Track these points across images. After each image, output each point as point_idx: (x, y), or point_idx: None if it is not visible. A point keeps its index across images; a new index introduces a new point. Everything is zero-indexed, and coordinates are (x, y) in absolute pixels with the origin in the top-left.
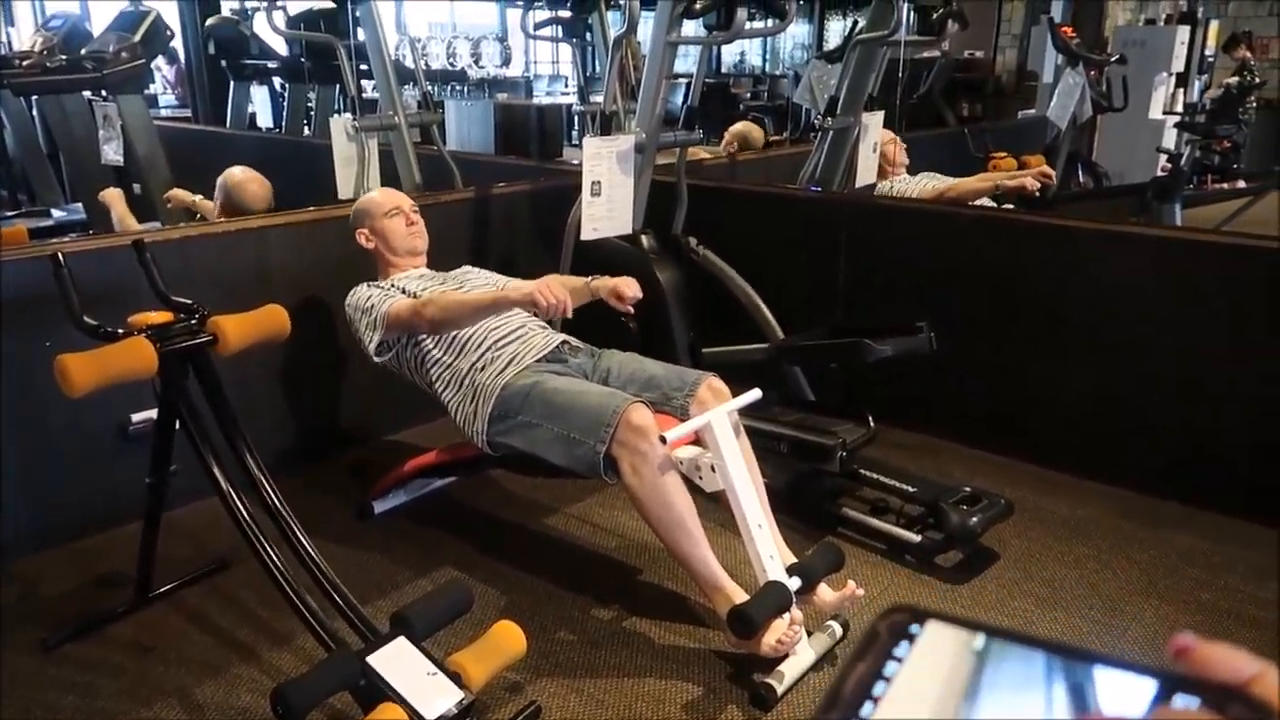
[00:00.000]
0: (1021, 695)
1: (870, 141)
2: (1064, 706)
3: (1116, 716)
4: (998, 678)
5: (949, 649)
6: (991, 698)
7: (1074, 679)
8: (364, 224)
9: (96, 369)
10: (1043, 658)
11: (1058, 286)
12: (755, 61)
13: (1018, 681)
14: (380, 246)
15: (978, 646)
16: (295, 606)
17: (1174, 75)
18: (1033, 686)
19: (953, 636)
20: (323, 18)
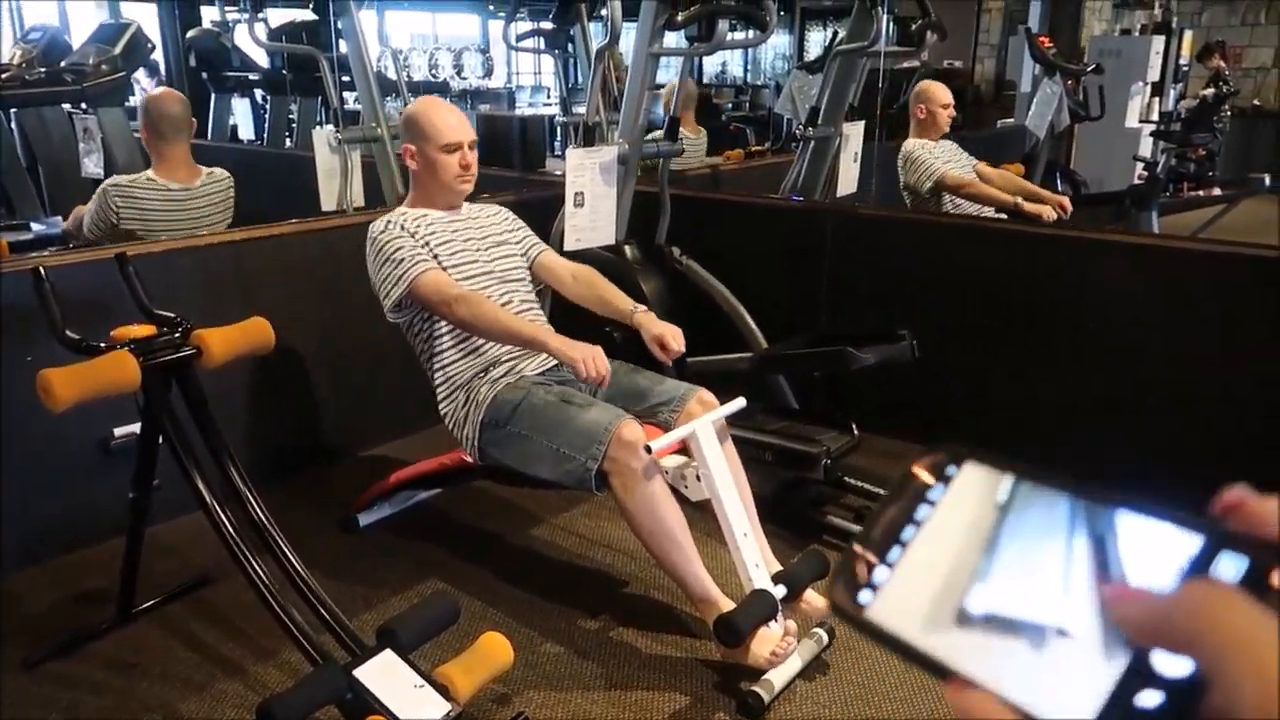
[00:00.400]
0: (1041, 548)
1: (851, 151)
2: (1084, 563)
3: (1143, 590)
4: (1019, 527)
5: (977, 496)
6: (1010, 550)
7: (1101, 529)
8: (416, 143)
9: (79, 383)
10: (1068, 507)
11: (1039, 293)
12: (737, 72)
13: (1039, 533)
14: (423, 174)
15: (1000, 499)
16: (280, 620)
17: (1149, 84)
18: (1054, 538)
19: (985, 480)
20: (304, 29)
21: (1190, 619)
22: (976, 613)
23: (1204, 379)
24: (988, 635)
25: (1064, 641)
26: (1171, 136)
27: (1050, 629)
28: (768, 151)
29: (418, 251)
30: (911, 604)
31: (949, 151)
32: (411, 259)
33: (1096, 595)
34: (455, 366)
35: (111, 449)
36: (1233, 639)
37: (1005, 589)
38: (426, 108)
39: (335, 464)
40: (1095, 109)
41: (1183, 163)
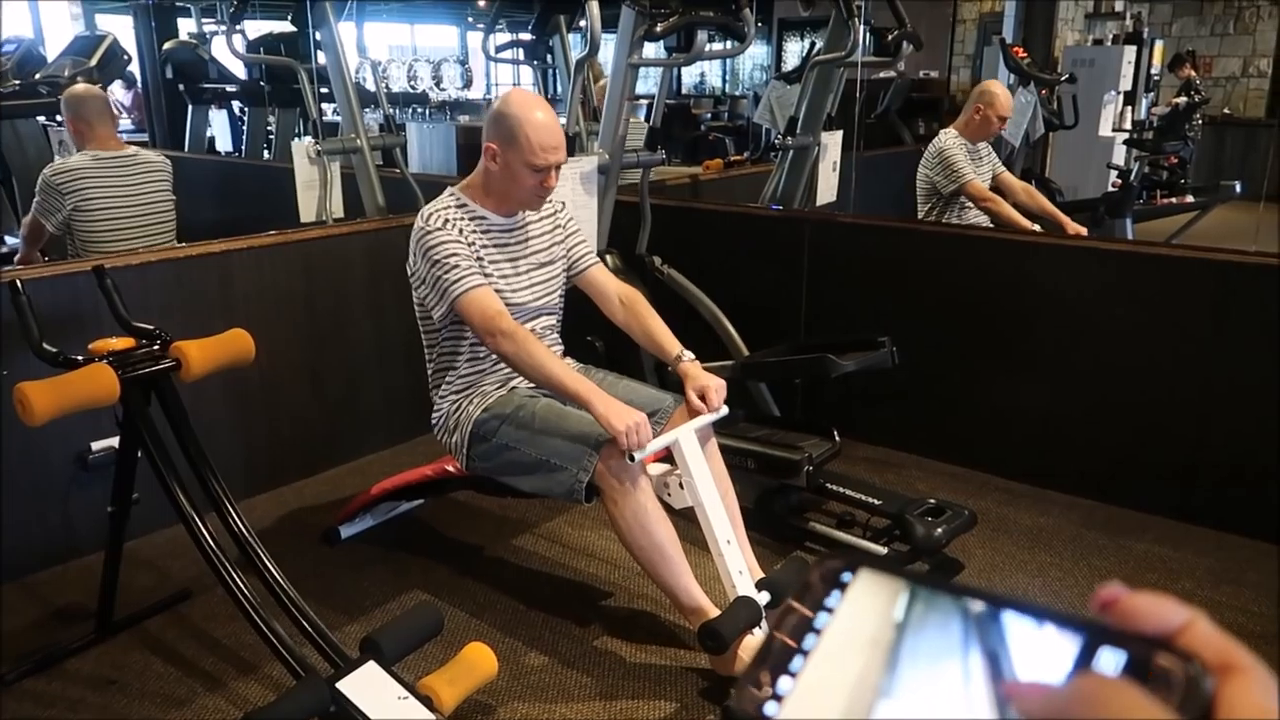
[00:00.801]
0: (940, 664)
1: (830, 160)
2: (981, 674)
3: (1034, 683)
4: (917, 646)
5: (874, 610)
6: (911, 667)
7: (992, 641)
8: (501, 145)
9: (57, 397)
10: (960, 624)
11: (1018, 301)
12: (715, 83)
13: (937, 650)
14: (499, 177)
15: (898, 617)
16: (262, 633)
17: (1122, 94)
18: (951, 654)
19: (879, 591)
20: (282, 41)
21: (1085, 707)
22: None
23: (1181, 383)
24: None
25: None
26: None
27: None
28: (747, 161)
29: (472, 264)
30: (820, 714)
31: (981, 159)
32: (466, 270)
33: (996, 696)
34: (456, 371)
35: (89, 463)
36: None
37: (910, 705)
38: (528, 113)
39: (316, 476)
40: (1069, 118)
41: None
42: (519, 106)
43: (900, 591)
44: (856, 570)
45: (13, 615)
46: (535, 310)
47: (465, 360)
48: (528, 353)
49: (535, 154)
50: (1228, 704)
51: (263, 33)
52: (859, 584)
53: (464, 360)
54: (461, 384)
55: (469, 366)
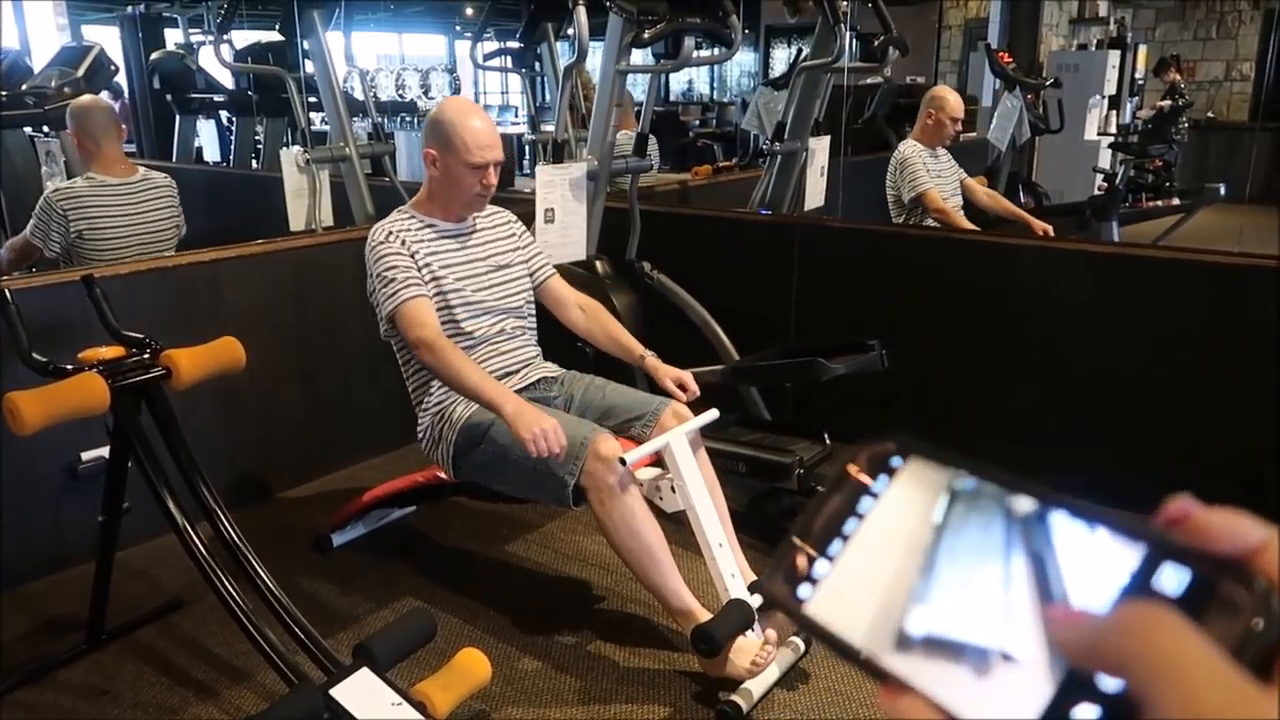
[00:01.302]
0: (979, 568)
1: (818, 165)
2: (1024, 581)
3: (1079, 612)
4: (956, 548)
5: (916, 505)
6: (948, 571)
7: (1038, 545)
8: (439, 149)
9: (47, 406)
10: (1003, 526)
11: (1007, 302)
12: (703, 89)
13: (976, 553)
14: (440, 181)
15: (936, 519)
16: (255, 641)
17: (1107, 98)
18: (993, 556)
19: (924, 484)
20: (270, 51)
21: (1122, 642)
22: (916, 635)
23: (1170, 383)
24: (928, 658)
25: (1007, 665)
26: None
27: (993, 652)
28: (735, 167)
29: (410, 274)
30: (851, 611)
31: (942, 164)
32: (402, 281)
33: (1038, 617)
34: (434, 386)
35: (79, 473)
36: (1162, 663)
37: (945, 611)
38: (461, 117)
39: (308, 483)
40: (1055, 122)
41: (1141, 174)
42: (453, 111)
43: (942, 488)
44: (907, 457)
45: (4, 626)
46: (500, 310)
47: (424, 384)
48: (446, 363)
49: (471, 152)
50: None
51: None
52: (907, 472)
53: (421, 383)
54: (440, 395)
55: (435, 392)
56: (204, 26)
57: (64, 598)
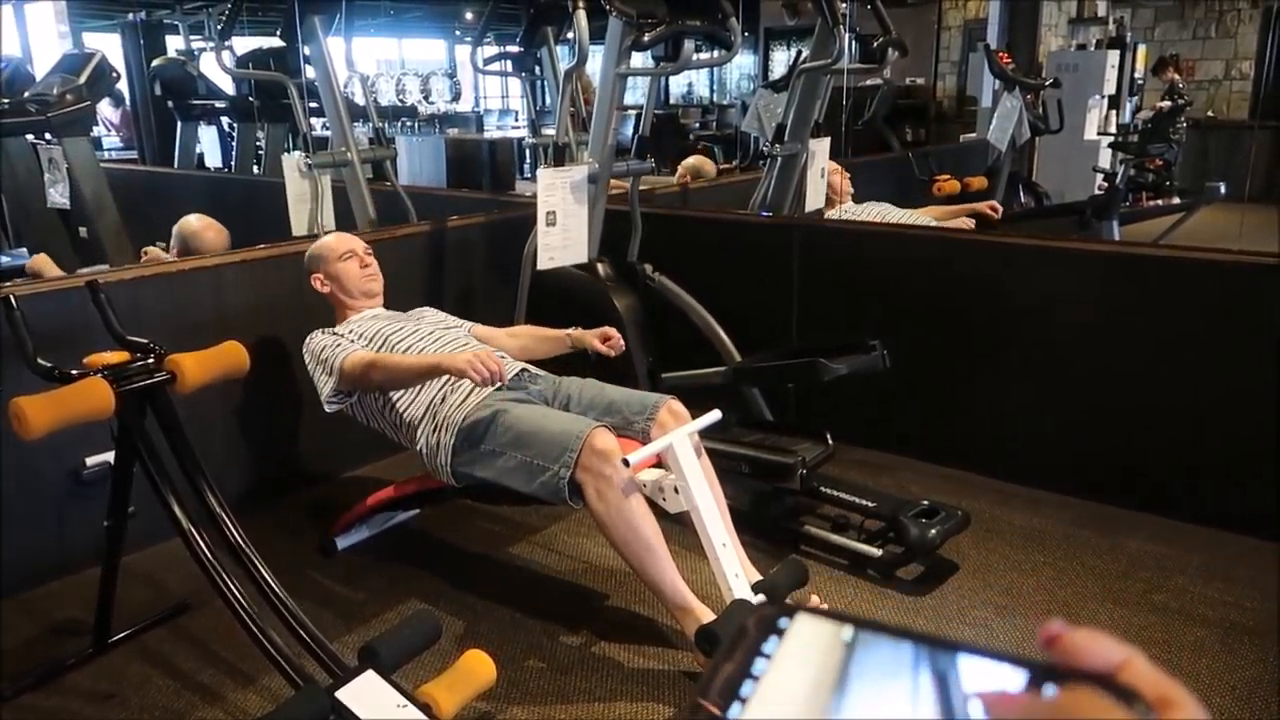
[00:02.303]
0: (889, 685)
1: (818, 166)
2: (930, 695)
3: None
4: (865, 668)
5: (818, 642)
6: (860, 688)
7: (940, 668)
8: (318, 269)
9: (53, 411)
10: (910, 648)
11: (1007, 303)
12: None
13: (886, 671)
14: (336, 290)
15: (846, 638)
16: (260, 644)
17: (1106, 98)
18: (900, 675)
19: (821, 629)
20: (272, 56)
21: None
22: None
23: (1170, 382)
24: None
25: None
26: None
27: None
28: (736, 169)
29: (341, 343)
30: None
31: (855, 211)
32: (334, 351)
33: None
34: (416, 401)
35: (84, 478)
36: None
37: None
38: (315, 245)
39: (312, 487)
40: (1054, 122)
41: (1141, 173)
42: (312, 246)
43: (843, 629)
44: (794, 616)
45: (10, 632)
46: (443, 327)
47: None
48: (393, 365)
49: (334, 250)
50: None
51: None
52: (797, 629)
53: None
54: (424, 407)
55: (420, 392)
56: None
57: (70, 602)
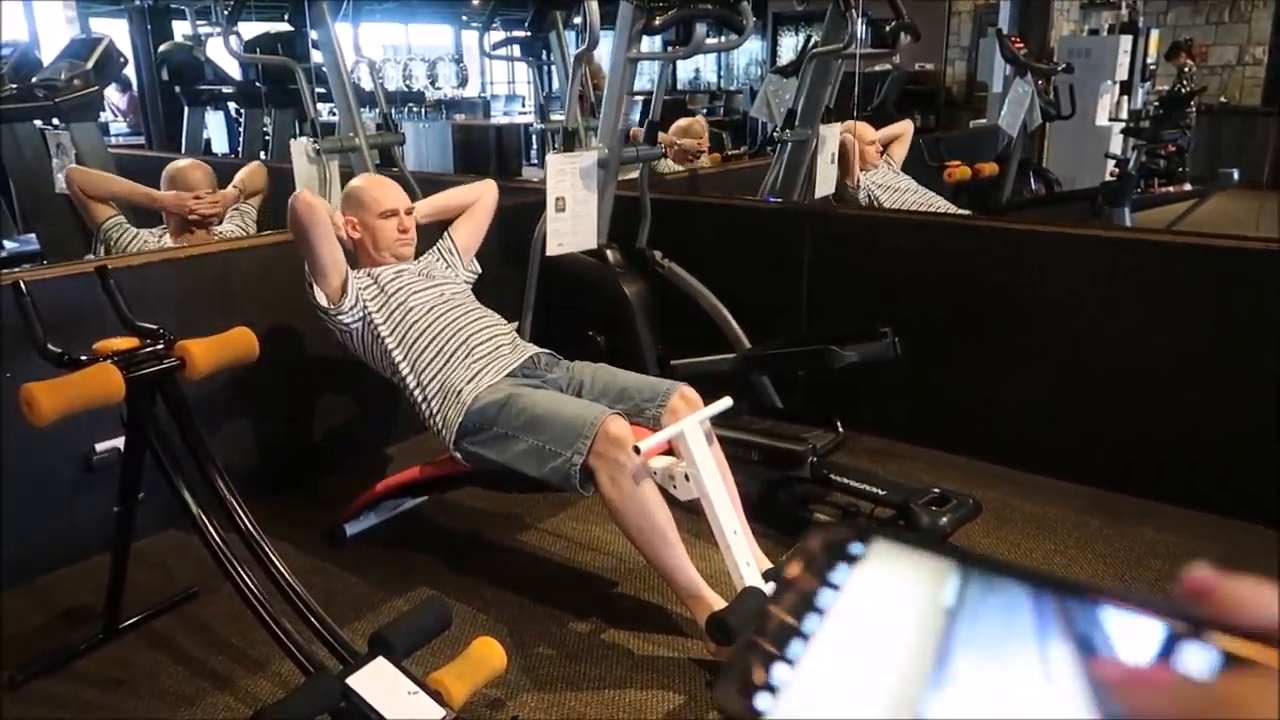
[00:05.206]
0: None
1: (828, 152)
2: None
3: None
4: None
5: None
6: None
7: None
8: (354, 214)
9: (63, 397)
10: (1032, 607)
11: (1018, 290)
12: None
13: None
14: (365, 241)
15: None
16: (271, 630)
17: (1118, 83)
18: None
19: (910, 561)
20: (279, 41)
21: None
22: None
23: (1183, 370)
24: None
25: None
26: (1142, 134)
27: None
28: (745, 155)
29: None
30: (833, 711)
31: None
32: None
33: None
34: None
35: (93, 465)
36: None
37: (970, 699)
38: (364, 182)
39: (321, 474)
40: (1066, 108)
41: (1153, 159)
42: (360, 181)
43: (943, 570)
44: (869, 541)
45: (19, 618)
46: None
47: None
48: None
49: (378, 204)
50: None
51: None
52: (873, 557)
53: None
54: (434, 391)
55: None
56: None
57: (80, 589)
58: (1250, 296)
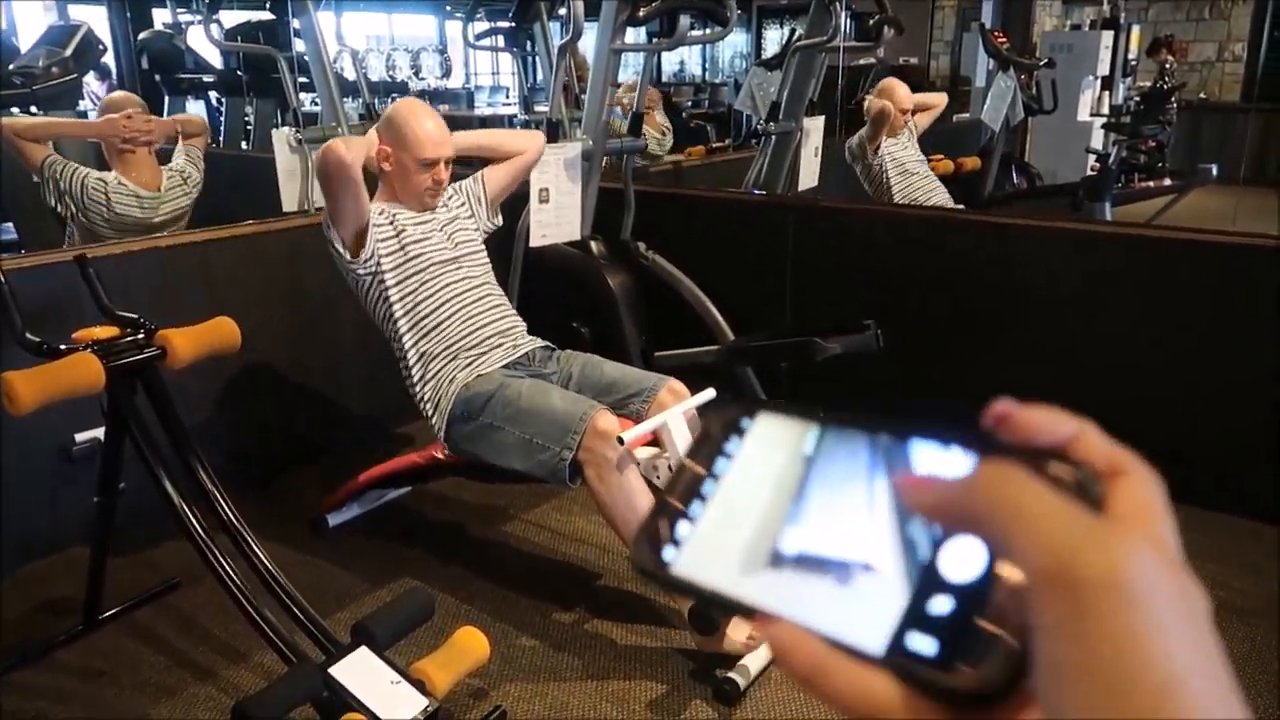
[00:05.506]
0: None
1: (812, 145)
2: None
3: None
4: (827, 463)
5: (780, 446)
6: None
7: (898, 466)
8: (392, 145)
9: (43, 386)
10: (867, 454)
11: (1004, 283)
12: (695, 70)
13: (845, 465)
14: (394, 178)
15: (807, 451)
16: (253, 621)
17: (1100, 78)
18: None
19: (784, 430)
20: (261, 29)
21: (974, 496)
22: (789, 553)
23: (1166, 363)
24: (798, 574)
25: (869, 575)
26: (1123, 129)
27: (857, 565)
28: (729, 148)
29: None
30: (720, 553)
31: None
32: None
33: (899, 515)
34: (419, 360)
35: (73, 455)
36: (1013, 508)
37: (814, 531)
38: (411, 115)
39: (303, 464)
40: (1048, 102)
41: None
42: (403, 109)
43: (808, 429)
44: (755, 415)
45: None
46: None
47: (415, 338)
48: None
49: (422, 148)
50: (1117, 502)
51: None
52: (759, 428)
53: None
54: (423, 362)
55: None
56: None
57: (60, 580)
58: (1232, 290)
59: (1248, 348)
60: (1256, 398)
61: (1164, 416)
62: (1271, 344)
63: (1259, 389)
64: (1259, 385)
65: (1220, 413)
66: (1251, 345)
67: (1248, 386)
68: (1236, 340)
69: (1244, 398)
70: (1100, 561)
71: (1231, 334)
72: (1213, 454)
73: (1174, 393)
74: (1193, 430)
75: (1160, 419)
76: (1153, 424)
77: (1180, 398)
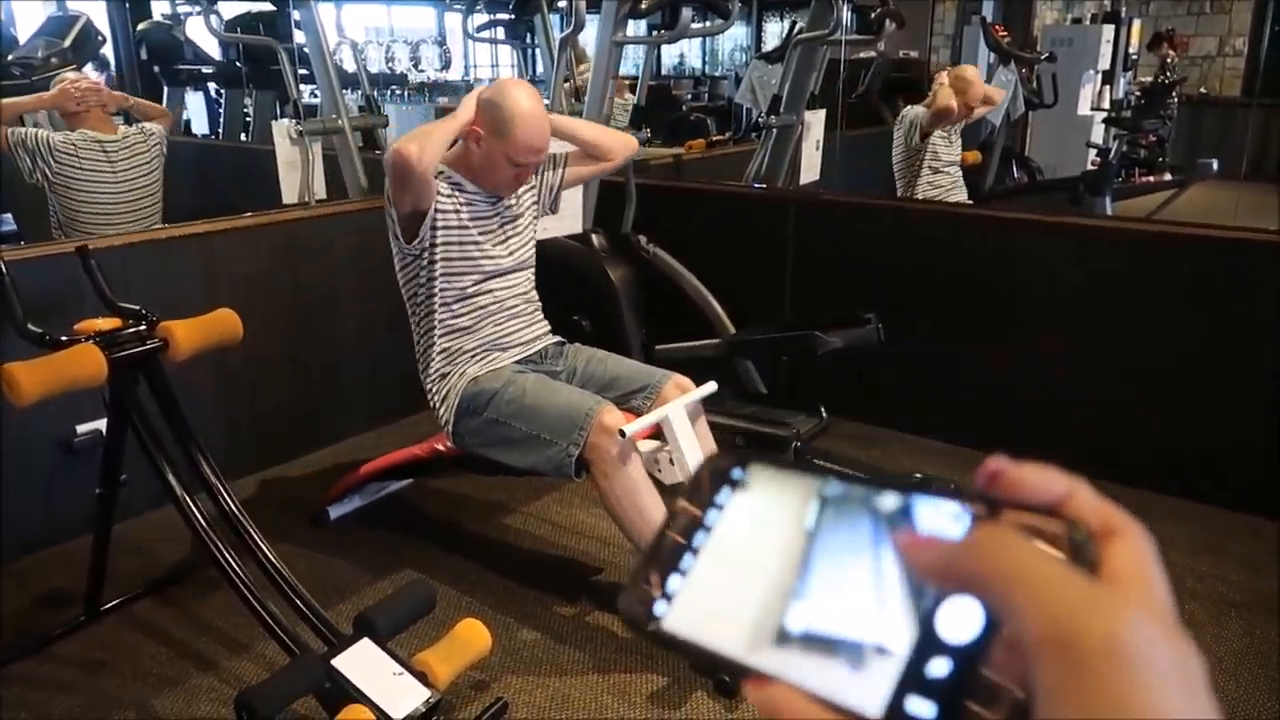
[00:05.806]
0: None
1: (813, 138)
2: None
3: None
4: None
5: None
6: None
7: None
8: (488, 130)
9: (45, 377)
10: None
11: (1004, 277)
12: (695, 64)
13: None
14: (480, 160)
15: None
16: (255, 612)
17: (1100, 73)
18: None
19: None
20: (260, 21)
21: (974, 559)
22: (795, 631)
23: (1163, 358)
24: (806, 654)
25: (881, 657)
26: (1123, 123)
27: (868, 645)
28: (729, 141)
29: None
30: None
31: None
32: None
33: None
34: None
35: (74, 447)
36: (1012, 572)
37: (822, 608)
38: (518, 112)
39: (303, 456)
40: (1049, 97)
41: (1134, 149)
42: (514, 104)
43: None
44: (747, 466)
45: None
46: (510, 268)
47: (442, 333)
48: (421, 134)
49: (520, 152)
50: (1112, 564)
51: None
52: (752, 480)
53: (440, 333)
54: (445, 357)
55: (448, 339)
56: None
57: (61, 571)
58: (1230, 286)
59: (1248, 342)
60: (1257, 393)
61: (1164, 410)
62: (1272, 339)
63: (1260, 383)
64: (1260, 379)
65: (1221, 407)
66: (1252, 340)
67: (1249, 380)
68: (1237, 335)
69: (1245, 392)
70: (1099, 626)
71: (1232, 329)
72: (1213, 448)
73: (1174, 387)
74: (1193, 424)
75: (1160, 413)
76: (1153, 417)
77: (1181, 392)
